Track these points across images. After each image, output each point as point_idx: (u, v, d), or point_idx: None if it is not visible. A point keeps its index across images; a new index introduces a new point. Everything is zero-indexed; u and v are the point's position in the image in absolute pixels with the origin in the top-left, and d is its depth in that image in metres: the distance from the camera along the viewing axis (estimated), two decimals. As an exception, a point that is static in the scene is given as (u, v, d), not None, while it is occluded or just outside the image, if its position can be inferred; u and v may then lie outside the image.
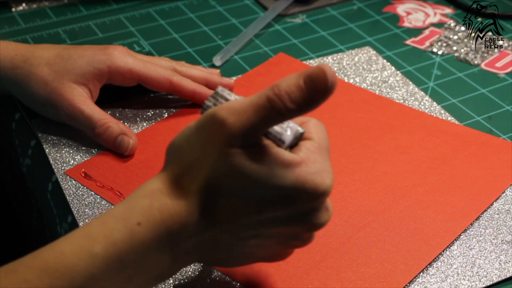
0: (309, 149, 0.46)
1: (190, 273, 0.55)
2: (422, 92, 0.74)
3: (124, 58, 0.66)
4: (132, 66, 0.66)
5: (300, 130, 0.46)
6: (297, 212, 0.46)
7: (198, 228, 0.45)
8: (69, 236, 0.44)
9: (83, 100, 0.64)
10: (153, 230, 0.44)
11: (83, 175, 0.62)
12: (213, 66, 0.78)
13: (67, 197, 0.61)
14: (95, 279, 0.43)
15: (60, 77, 0.64)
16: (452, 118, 0.71)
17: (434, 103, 0.73)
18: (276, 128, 0.46)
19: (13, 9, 0.86)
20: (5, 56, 0.65)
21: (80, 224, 0.58)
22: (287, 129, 0.46)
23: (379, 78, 0.76)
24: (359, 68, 0.77)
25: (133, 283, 0.45)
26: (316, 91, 0.43)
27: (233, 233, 0.46)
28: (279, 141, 0.45)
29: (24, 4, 0.87)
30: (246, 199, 0.45)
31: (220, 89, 0.47)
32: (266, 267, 0.55)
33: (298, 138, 0.47)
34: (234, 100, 0.46)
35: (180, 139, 0.46)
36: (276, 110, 0.43)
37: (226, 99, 0.47)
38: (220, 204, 0.45)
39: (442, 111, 0.72)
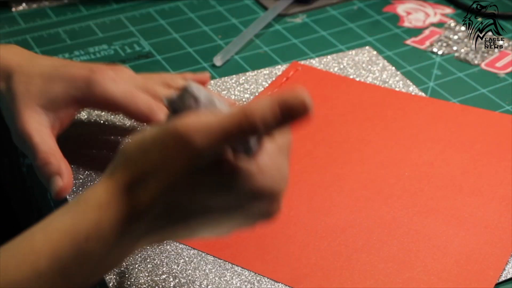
0: (269, 153, 0.45)
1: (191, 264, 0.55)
2: (422, 93, 0.74)
3: (105, 87, 0.60)
4: (109, 96, 0.60)
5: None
6: (253, 211, 0.46)
7: (148, 235, 0.45)
8: (12, 248, 0.43)
9: (37, 128, 0.59)
10: (103, 245, 0.43)
11: None
12: (213, 66, 0.78)
13: (67, 197, 0.61)
14: None
15: (30, 98, 0.60)
16: (452, 118, 0.71)
17: (434, 103, 0.73)
18: None
19: (13, 9, 0.86)
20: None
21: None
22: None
23: (379, 79, 0.76)
24: (360, 68, 0.77)
25: (77, 285, 0.44)
26: (292, 118, 0.43)
27: (185, 232, 0.46)
28: (247, 150, 0.44)
29: (24, 4, 0.87)
30: (204, 212, 0.45)
31: (190, 84, 0.45)
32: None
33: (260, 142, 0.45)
34: (204, 115, 0.43)
35: (135, 146, 0.44)
36: (245, 133, 0.42)
37: (195, 98, 0.44)
38: (176, 218, 0.44)
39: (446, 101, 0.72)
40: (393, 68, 0.78)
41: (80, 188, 0.62)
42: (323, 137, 0.68)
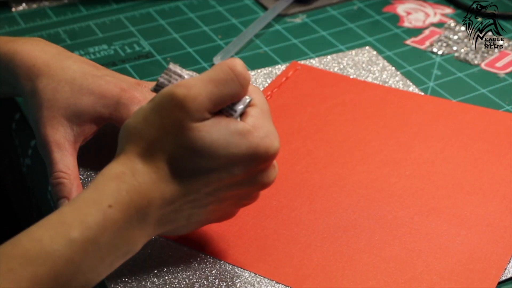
0: (255, 115, 0.50)
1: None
2: (422, 93, 0.74)
3: (132, 110, 0.60)
4: None
5: (248, 98, 0.50)
6: (251, 174, 0.50)
7: (164, 201, 0.48)
8: (44, 223, 0.46)
9: (59, 141, 0.59)
10: (124, 210, 0.47)
11: None
12: (213, 66, 0.78)
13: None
14: (74, 263, 0.45)
15: (56, 108, 0.59)
16: (452, 118, 0.71)
17: (434, 103, 0.73)
18: None
19: (13, 9, 0.86)
20: (23, 65, 0.61)
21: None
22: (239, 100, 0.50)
23: (379, 79, 0.76)
24: (359, 68, 0.77)
25: (105, 262, 0.47)
26: None
27: (195, 202, 0.50)
28: (231, 111, 0.49)
29: (24, 4, 0.87)
30: (206, 170, 0.48)
31: (172, 65, 0.50)
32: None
33: (246, 106, 0.50)
34: (190, 77, 0.49)
35: (136, 120, 0.49)
36: (242, 84, 0.48)
37: (179, 75, 0.50)
38: (183, 176, 0.48)
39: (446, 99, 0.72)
40: (393, 68, 0.78)
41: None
42: (323, 136, 0.68)
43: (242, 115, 0.50)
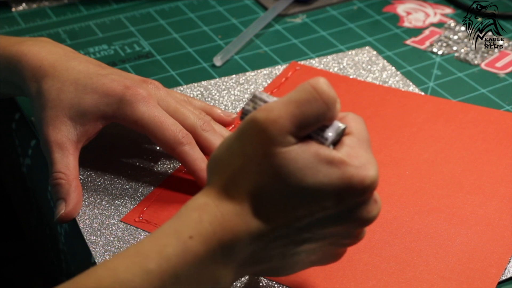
0: (350, 144, 0.46)
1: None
2: (422, 93, 0.74)
3: (135, 108, 0.59)
4: (138, 119, 0.59)
5: (342, 126, 0.46)
6: (346, 208, 0.45)
7: (251, 236, 0.45)
8: (121, 254, 0.44)
9: (61, 141, 0.59)
10: (206, 243, 0.44)
11: (140, 220, 0.60)
12: (213, 66, 0.78)
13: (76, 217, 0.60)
14: None
15: (60, 107, 0.59)
16: (452, 118, 0.71)
17: (434, 103, 0.73)
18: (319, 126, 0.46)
19: (13, 9, 0.86)
20: (29, 67, 0.62)
21: (80, 222, 0.58)
22: (329, 126, 0.46)
23: (379, 79, 0.76)
24: (359, 68, 0.77)
25: None
26: None
27: (286, 239, 0.46)
28: (322, 139, 0.45)
29: (24, 4, 0.87)
30: (295, 200, 0.44)
31: (257, 92, 0.47)
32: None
33: (340, 134, 0.46)
34: (272, 101, 0.45)
35: (220, 150, 0.46)
36: (326, 103, 0.44)
37: (265, 101, 0.46)
38: (270, 208, 0.45)
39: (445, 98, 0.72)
40: (393, 68, 0.78)
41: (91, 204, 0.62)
42: None
43: (336, 144, 0.46)
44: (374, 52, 0.80)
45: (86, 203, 0.60)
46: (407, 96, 0.73)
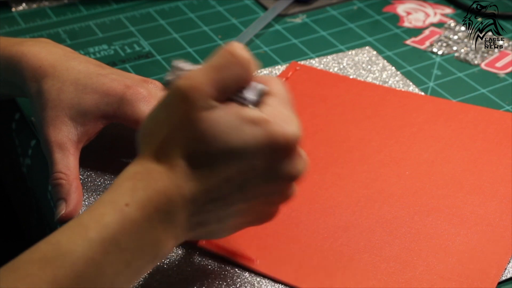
0: (271, 103, 0.48)
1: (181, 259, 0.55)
2: (422, 93, 0.74)
3: (136, 108, 0.60)
4: (138, 117, 0.60)
5: (262, 87, 0.48)
6: (274, 165, 0.47)
7: (184, 200, 0.46)
8: (62, 228, 0.45)
9: (61, 141, 0.59)
10: (142, 209, 0.45)
11: None
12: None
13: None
14: (96, 264, 0.43)
15: (60, 108, 0.59)
16: (452, 118, 0.71)
17: (434, 103, 0.73)
18: (240, 89, 0.48)
19: (13, 9, 0.86)
20: (29, 67, 0.62)
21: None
22: (250, 88, 0.48)
23: (379, 79, 0.76)
24: (359, 68, 0.77)
25: (132, 267, 0.45)
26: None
27: (219, 201, 0.48)
28: (243, 100, 0.47)
29: (24, 4, 0.87)
30: (223, 161, 0.46)
31: (175, 62, 0.49)
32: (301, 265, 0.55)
33: (260, 95, 0.48)
34: (193, 69, 0.47)
35: (148, 121, 0.48)
36: (243, 66, 0.47)
37: (185, 70, 0.48)
38: (200, 171, 0.46)
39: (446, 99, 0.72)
40: (393, 68, 0.78)
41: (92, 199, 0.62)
42: (322, 137, 0.68)
43: (258, 105, 0.48)
44: (374, 52, 0.80)
45: (86, 203, 0.60)
46: (407, 96, 0.73)
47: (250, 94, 0.48)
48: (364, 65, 0.78)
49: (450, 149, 0.66)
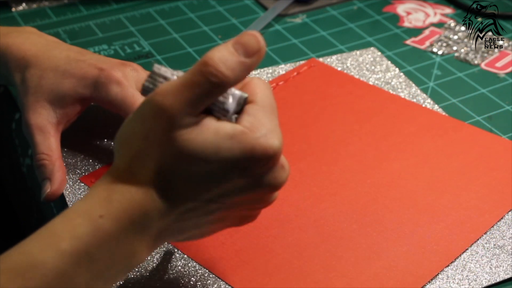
0: (253, 113, 0.46)
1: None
2: (424, 94, 0.74)
3: (109, 89, 0.61)
4: (111, 99, 0.61)
5: (243, 95, 0.46)
6: (253, 178, 0.46)
7: (160, 213, 0.45)
8: (34, 236, 0.44)
9: (42, 124, 0.61)
10: (116, 221, 0.44)
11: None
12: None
13: (66, 198, 0.61)
14: (67, 276, 0.43)
15: (40, 93, 0.61)
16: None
17: (436, 105, 0.73)
18: (219, 98, 0.46)
19: (13, 9, 0.86)
20: (13, 58, 0.64)
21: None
22: (229, 97, 0.46)
23: (382, 79, 0.76)
24: (363, 68, 0.77)
25: (104, 277, 0.45)
26: (249, 55, 0.45)
27: (196, 211, 0.47)
28: (223, 111, 0.45)
29: (24, 4, 0.87)
30: (200, 177, 0.45)
31: (156, 67, 0.47)
32: (265, 269, 0.55)
33: (242, 104, 0.46)
34: (170, 81, 0.45)
35: (124, 130, 0.47)
36: (212, 82, 0.44)
37: (165, 78, 0.46)
38: (176, 186, 0.45)
39: (443, 114, 0.72)
40: (397, 69, 0.77)
41: (78, 181, 0.62)
42: (303, 132, 0.68)
43: (239, 113, 0.46)
44: (379, 53, 0.80)
45: (82, 196, 0.60)
46: (408, 106, 0.72)
47: (230, 104, 0.46)
48: (367, 65, 0.78)
49: (422, 165, 0.65)
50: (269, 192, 0.48)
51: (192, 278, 0.54)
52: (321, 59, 0.79)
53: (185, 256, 0.56)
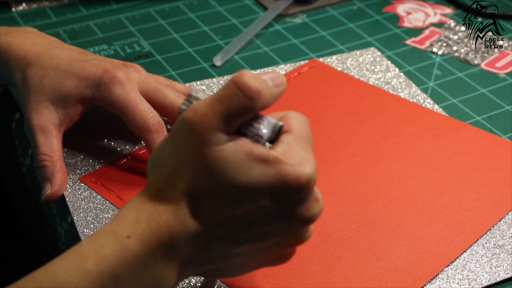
0: (287, 142, 0.45)
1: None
2: (425, 94, 0.74)
3: (111, 90, 0.61)
4: (113, 101, 0.61)
5: (278, 123, 0.46)
6: (284, 207, 0.45)
7: (188, 236, 0.44)
8: (61, 256, 0.44)
9: (44, 125, 0.60)
10: (143, 242, 0.43)
11: (97, 183, 0.62)
12: (213, 66, 0.78)
13: (66, 198, 0.61)
14: None
15: (42, 93, 0.61)
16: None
17: (436, 105, 0.73)
18: (254, 124, 0.45)
19: (13, 9, 0.86)
20: (14, 57, 0.64)
21: (79, 223, 0.58)
22: (264, 123, 0.45)
23: (382, 80, 0.76)
24: (363, 69, 0.77)
25: None
26: (275, 85, 0.46)
27: (224, 238, 0.46)
28: (256, 137, 0.45)
29: (24, 4, 0.87)
30: (230, 199, 0.44)
31: (193, 91, 0.47)
32: (264, 270, 0.54)
33: (277, 132, 0.46)
34: (200, 100, 0.45)
35: (157, 152, 0.46)
36: (243, 95, 0.44)
37: (198, 99, 0.46)
38: (206, 208, 0.44)
39: (444, 114, 0.72)
40: (397, 69, 0.77)
41: (78, 181, 0.62)
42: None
43: (274, 142, 0.46)
44: (379, 53, 0.80)
45: (82, 196, 0.60)
46: (408, 106, 0.72)
47: (264, 130, 0.45)
48: (367, 65, 0.78)
49: (422, 166, 0.65)
50: (301, 224, 0.46)
51: (192, 279, 0.54)
52: (321, 59, 0.79)
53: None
